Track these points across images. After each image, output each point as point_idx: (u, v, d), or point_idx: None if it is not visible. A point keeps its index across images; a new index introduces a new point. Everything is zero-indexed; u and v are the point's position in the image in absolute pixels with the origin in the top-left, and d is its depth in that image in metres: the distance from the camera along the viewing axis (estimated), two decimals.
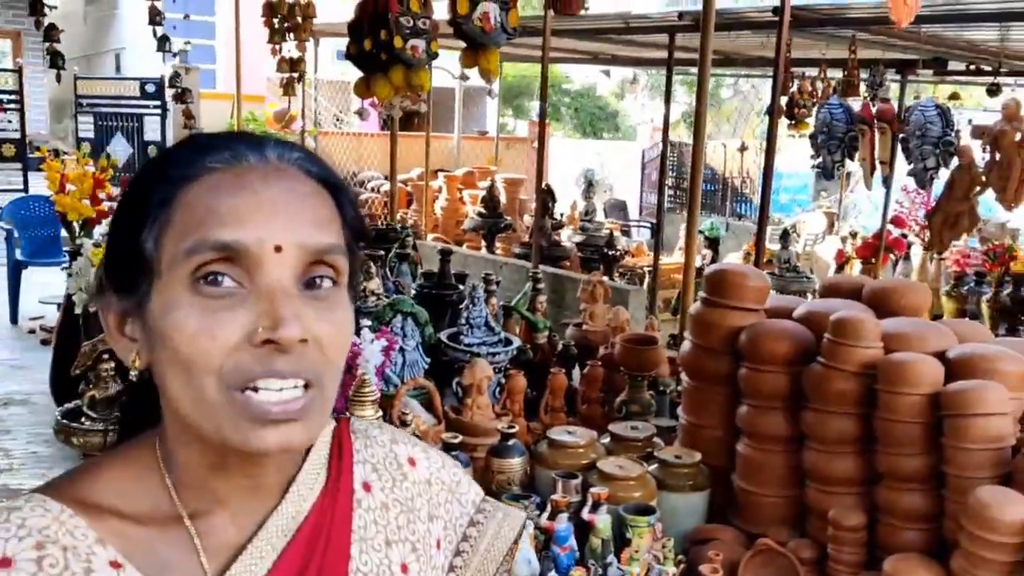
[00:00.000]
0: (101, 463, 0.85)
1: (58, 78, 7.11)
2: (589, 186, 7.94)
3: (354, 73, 3.90)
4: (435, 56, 3.51)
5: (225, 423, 0.76)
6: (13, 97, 10.80)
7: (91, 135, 11.98)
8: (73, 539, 0.77)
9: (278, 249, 0.76)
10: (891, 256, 7.37)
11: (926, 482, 2.13)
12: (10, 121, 10.82)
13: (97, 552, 0.77)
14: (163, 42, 7.25)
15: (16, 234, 7.77)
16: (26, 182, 10.86)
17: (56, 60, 6.81)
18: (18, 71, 11.12)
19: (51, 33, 6.75)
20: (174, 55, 7.83)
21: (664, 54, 6.82)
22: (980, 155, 4.56)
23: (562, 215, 8.19)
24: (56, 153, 6.39)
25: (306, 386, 0.77)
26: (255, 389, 0.75)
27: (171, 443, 0.83)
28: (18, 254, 7.70)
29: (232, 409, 0.75)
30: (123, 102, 12.40)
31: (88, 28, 19.86)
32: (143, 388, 0.85)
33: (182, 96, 7.91)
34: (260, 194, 0.78)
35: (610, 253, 6.79)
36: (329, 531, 0.87)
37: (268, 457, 0.80)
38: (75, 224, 5.44)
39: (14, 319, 7.67)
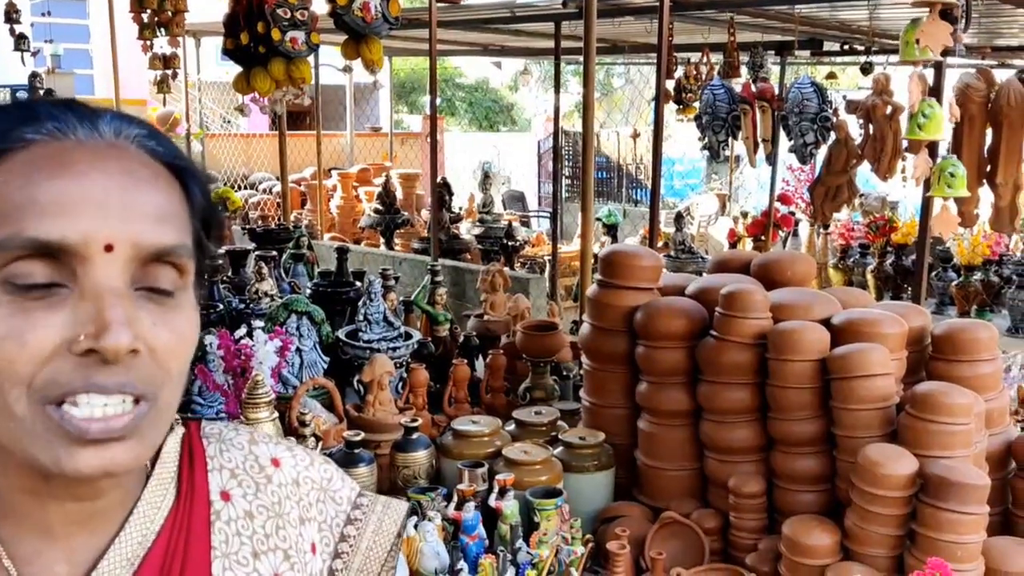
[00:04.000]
0: None
1: None
2: (486, 178, 7.95)
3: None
4: (316, 48, 3.43)
5: (35, 442, 0.65)
6: None
7: None
8: None
9: (109, 248, 0.65)
10: (780, 233, 7.62)
11: (818, 445, 2.20)
12: None
13: None
14: (20, 40, 6.81)
15: None
16: None
17: None
18: None
19: None
20: (33, 54, 7.36)
21: (552, 43, 6.87)
22: (857, 130, 4.76)
23: (460, 208, 8.18)
24: None
25: (135, 401, 0.67)
26: (74, 403, 0.65)
27: None
28: None
29: (43, 425, 0.64)
30: None
31: None
32: None
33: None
34: (88, 178, 0.66)
35: (509, 244, 6.82)
36: (185, 552, 0.77)
37: (90, 482, 0.70)
38: None
39: None
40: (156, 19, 5.12)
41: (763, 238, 7.00)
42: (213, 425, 0.88)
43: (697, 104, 6.13)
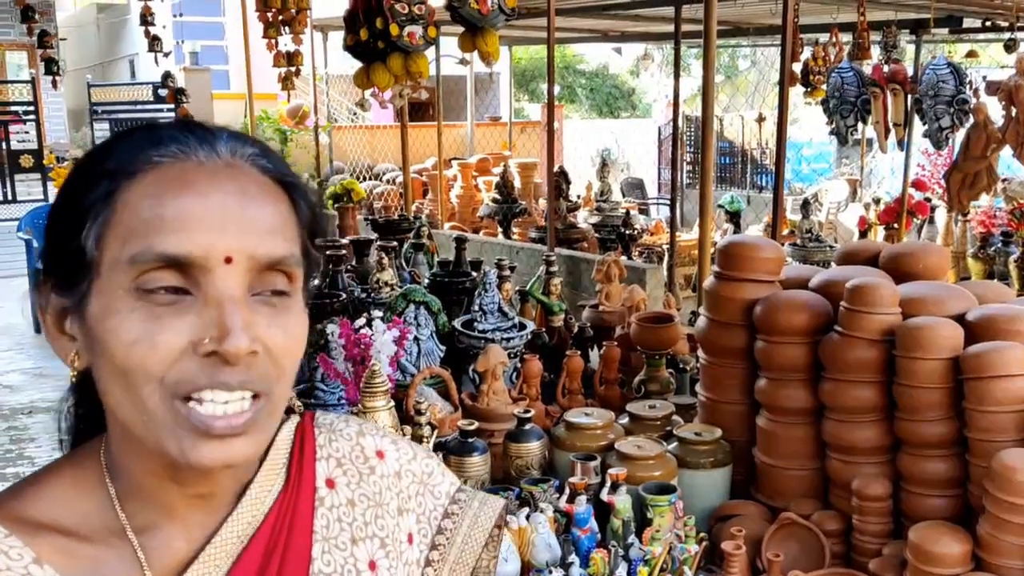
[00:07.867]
0: (45, 474, 0.82)
1: (54, 84, 7.17)
2: (603, 166, 7.88)
3: None
4: (433, 42, 3.48)
5: (165, 434, 0.73)
6: (29, 108, 10.91)
7: None
8: (8, 560, 0.74)
9: (228, 260, 0.73)
10: (915, 220, 7.27)
11: (949, 448, 2.09)
12: (27, 132, 10.93)
13: (33, 573, 0.74)
14: (154, 42, 7.26)
15: (36, 244, 7.85)
16: (45, 192, 10.99)
17: (51, 66, 6.86)
18: (31, 81, 11.22)
19: (44, 39, 6.81)
20: (166, 55, 7.82)
21: (673, 28, 6.74)
22: (998, 112, 4.47)
23: (578, 197, 8.13)
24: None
25: (254, 397, 0.75)
26: (200, 400, 0.72)
27: (115, 450, 0.80)
28: (39, 263, 7.77)
29: (173, 420, 0.72)
30: (138, 107, 12.43)
31: (101, 36, 19.94)
32: (90, 389, 0.81)
33: (176, 96, 7.89)
34: (208, 197, 0.74)
35: (627, 232, 6.74)
36: (289, 533, 0.84)
37: (210, 472, 0.77)
38: None
39: (38, 328, 7.75)
40: (280, 17, 5.29)
41: (896, 226, 6.69)
42: (326, 416, 0.95)
43: (825, 87, 5.91)
